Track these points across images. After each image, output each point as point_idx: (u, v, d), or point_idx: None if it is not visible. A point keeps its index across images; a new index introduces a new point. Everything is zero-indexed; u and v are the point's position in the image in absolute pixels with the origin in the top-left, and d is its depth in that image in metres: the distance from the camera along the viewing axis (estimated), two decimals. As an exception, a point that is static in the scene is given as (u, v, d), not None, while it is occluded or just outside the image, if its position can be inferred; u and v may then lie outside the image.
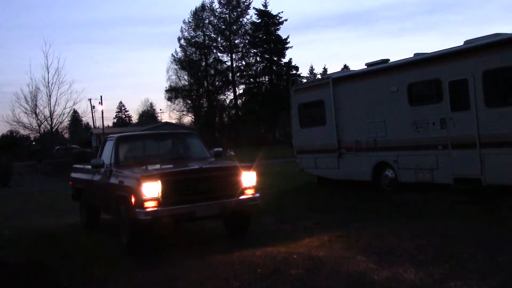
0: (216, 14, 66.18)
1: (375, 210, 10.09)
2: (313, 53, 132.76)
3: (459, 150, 10.27)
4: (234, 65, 66.31)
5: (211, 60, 67.02)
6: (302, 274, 5.84)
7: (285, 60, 64.39)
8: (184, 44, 66.49)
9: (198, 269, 6.40)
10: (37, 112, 39.30)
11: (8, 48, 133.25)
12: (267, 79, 65.71)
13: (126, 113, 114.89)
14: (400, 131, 11.60)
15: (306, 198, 12.71)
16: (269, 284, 5.58)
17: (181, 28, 79.84)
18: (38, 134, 43.35)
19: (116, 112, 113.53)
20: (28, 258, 7.68)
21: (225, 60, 66.81)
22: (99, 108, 60.71)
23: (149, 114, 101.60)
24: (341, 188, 13.29)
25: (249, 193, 7.91)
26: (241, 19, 66.35)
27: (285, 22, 65.95)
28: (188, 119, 70.98)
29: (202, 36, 66.14)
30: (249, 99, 65.66)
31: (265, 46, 64.10)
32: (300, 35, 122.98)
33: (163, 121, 69.24)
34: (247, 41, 66.13)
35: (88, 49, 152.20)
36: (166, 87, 68.15)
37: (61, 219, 11.84)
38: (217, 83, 67.68)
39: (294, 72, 62.50)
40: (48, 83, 39.07)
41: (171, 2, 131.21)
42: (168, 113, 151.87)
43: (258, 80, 65.66)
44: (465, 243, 6.82)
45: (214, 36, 66.85)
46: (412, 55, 11.87)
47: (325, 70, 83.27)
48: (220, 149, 9.59)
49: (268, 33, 63.83)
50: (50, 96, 39.09)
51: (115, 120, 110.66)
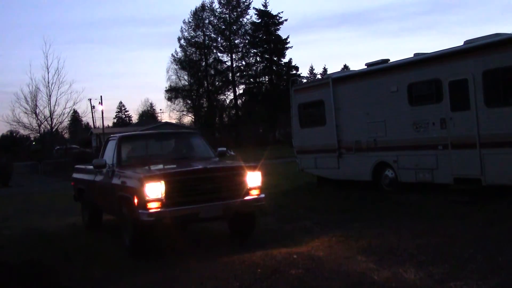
0: (216, 14, 66.15)
1: (375, 210, 10.08)
2: (313, 53, 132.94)
3: (459, 150, 10.27)
4: (234, 65, 66.31)
5: (211, 60, 67.00)
6: (302, 274, 5.82)
7: (285, 60, 64.41)
8: (184, 44, 66.53)
9: (198, 269, 6.39)
10: (37, 112, 39.48)
11: (8, 48, 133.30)
12: (267, 79, 65.66)
13: (126, 113, 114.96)
14: (400, 131, 11.60)
15: (306, 198, 12.70)
16: (269, 284, 5.57)
17: (181, 28, 79.98)
18: (38, 134, 43.47)
19: (116, 112, 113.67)
20: (28, 258, 7.68)
21: (225, 60, 66.85)
22: (99, 108, 60.64)
23: (149, 114, 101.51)
24: (341, 188, 13.29)
25: (254, 194, 7.72)
26: (241, 19, 66.33)
27: (285, 22, 65.93)
28: (188, 119, 71.02)
29: (202, 36, 66.13)
30: (249, 99, 65.61)
31: (265, 46, 64.05)
32: (300, 35, 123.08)
33: (163, 121, 69.19)
34: (247, 41, 66.06)
35: (88, 49, 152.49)
36: (166, 87, 68.20)
37: (61, 219, 11.84)
38: (217, 83, 67.63)
39: (294, 72, 62.46)
40: (48, 83, 39.27)
41: (171, 2, 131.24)
42: (168, 113, 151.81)
43: (258, 80, 65.61)
44: (465, 243, 6.80)
45: (214, 36, 66.84)
46: (412, 55, 11.88)
47: (325, 70, 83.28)
48: (224, 149, 9.43)
49: (268, 33, 63.79)
50: (50, 96, 39.29)
51: (115, 120, 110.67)
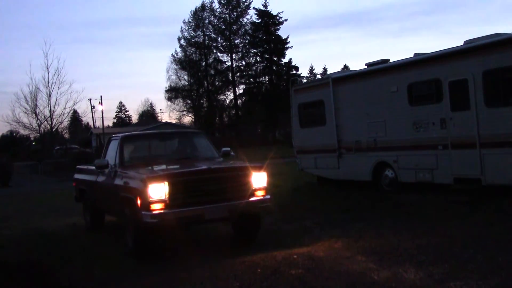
0: (216, 14, 66.05)
1: (375, 210, 10.09)
2: (313, 53, 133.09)
3: (459, 150, 10.27)
4: (234, 65, 66.21)
5: (211, 60, 66.91)
6: (302, 274, 5.82)
7: (285, 60, 64.23)
8: (184, 44, 66.42)
9: (199, 270, 6.40)
10: (37, 112, 39.44)
11: (8, 48, 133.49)
12: (267, 79, 65.55)
13: (126, 113, 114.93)
14: (400, 131, 11.60)
15: (306, 198, 12.70)
16: (269, 284, 5.57)
17: (181, 28, 79.74)
18: (38, 134, 43.41)
19: (116, 112, 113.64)
20: (28, 258, 7.68)
21: (225, 60, 66.72)
22: (99, 108, 60.66)
23: (149, 114, 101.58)
24: (341, 188, 13.29)
25: (260, 195, 7.53)
26: (241, 19, 66.22)
27: (285, 22, 65.78)
28: (188, 119, 70.97)
29: (202, 36, 66.04)
30: (249, 99, 65.50)
31: (265, 46, 63.94)
32: (300, 35, 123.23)
33: (163, 121, 69.18)
34: (247, 41, 65.95)
35: (88, 49, 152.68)
36: (166, 87, 68.12)
37: (61, 219, 11.83)
38: (217, 83, 67.55)
39: (294, 72, 62.38)
40: (48, 83, 39.23)
41: (171, 2, 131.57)
42: (168, 113, 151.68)
43: (258, 80, 65.49)
44: (465, 243, 6.81)
45: (214, 36, 66.73)
46: (412, 55, 11.87)
47: (325, 70, 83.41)
48: (228, 149, 9.18)
49: (268, 33, 63.69)
50: (50, 96, 39.25)
51: (115, 120, 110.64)
